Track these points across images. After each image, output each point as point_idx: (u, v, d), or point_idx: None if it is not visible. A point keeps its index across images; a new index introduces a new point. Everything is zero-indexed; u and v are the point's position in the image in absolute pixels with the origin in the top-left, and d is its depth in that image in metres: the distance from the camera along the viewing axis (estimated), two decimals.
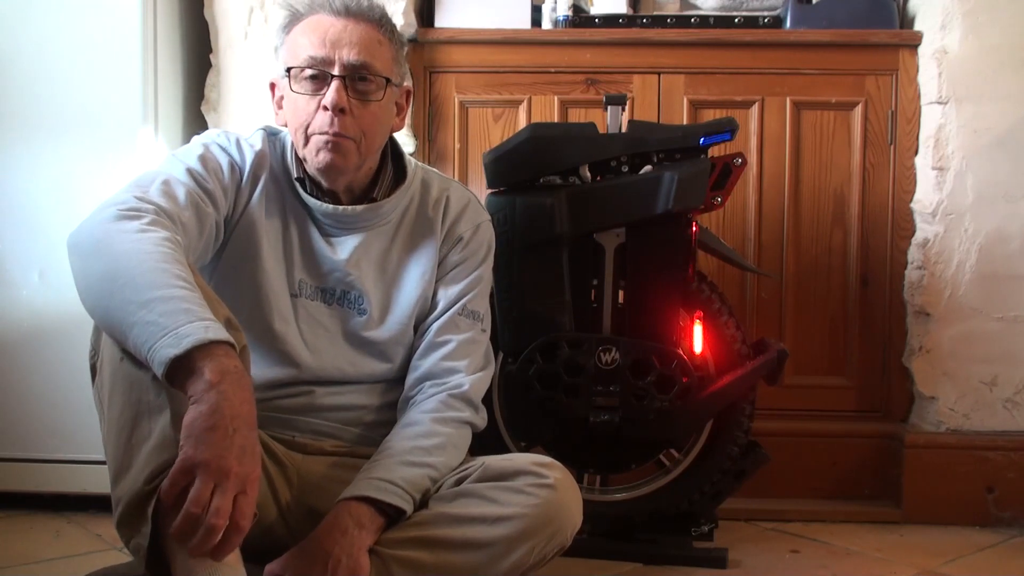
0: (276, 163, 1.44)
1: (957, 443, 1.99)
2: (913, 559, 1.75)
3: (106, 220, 1.21)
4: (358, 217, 1.43)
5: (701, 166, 1.65)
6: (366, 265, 1.44)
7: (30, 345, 1.88)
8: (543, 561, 1.32)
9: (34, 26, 1.88)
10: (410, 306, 1.45)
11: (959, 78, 1.98)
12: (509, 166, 1.70)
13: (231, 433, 1.07)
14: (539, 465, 1.32)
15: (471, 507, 1.28)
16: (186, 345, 1.07)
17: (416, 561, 1.25)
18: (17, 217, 1.89)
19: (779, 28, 2.11)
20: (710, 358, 1.74)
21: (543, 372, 1.65)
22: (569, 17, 2.12)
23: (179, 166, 1.34)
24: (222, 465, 1.04)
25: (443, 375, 1.42)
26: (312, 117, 1.36)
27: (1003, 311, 2.01)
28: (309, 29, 1.38)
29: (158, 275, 1.15)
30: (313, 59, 1.36)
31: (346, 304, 1.43)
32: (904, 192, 2.06)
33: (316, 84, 1.36)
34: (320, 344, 1.41)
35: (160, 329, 1.09)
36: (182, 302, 1.12)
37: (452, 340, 1.44)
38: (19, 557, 1.68)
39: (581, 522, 1.36)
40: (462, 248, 1.49)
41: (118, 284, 1.14)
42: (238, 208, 1.39)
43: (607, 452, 1.72)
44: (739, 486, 1.79)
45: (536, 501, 1.28)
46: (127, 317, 1.12)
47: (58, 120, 1.88)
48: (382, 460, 1.32)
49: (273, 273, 1.40)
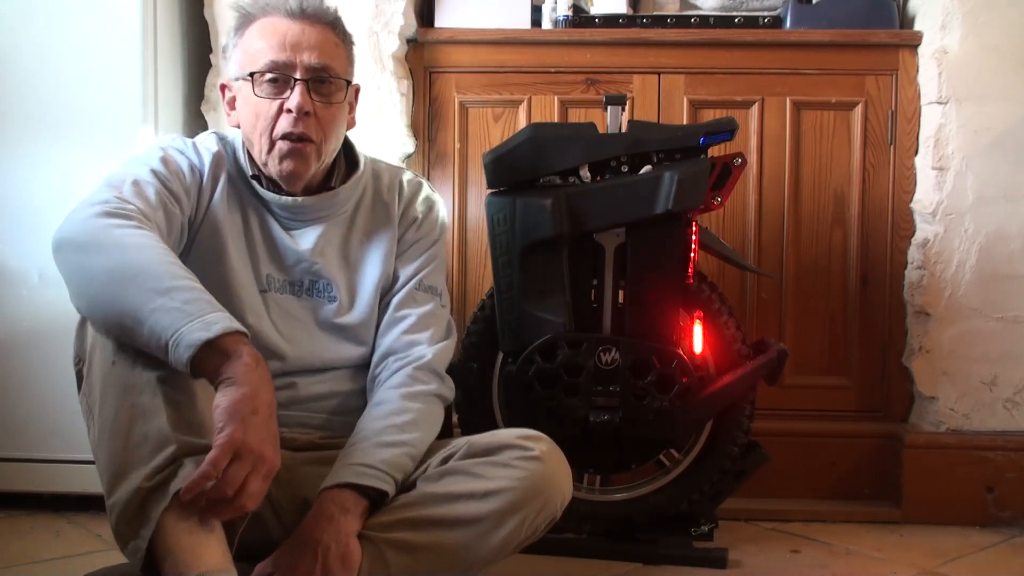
0: (231, 164, 1.46)
1: (957, 443, 1.99)
2: (913, 559, 1.75)
3: (95, 217, 1.22)
4: (317, 207, 1.46)
5: (701, 166, 1.65)
6: (330, 253, 1.47)
7: (30, 345, 1.88)
8: (535, 534, 1.33)
9: (34, 26, 1.88)
10: (374, 286, 1.48)
11: (959, 78, 1.98)
12: (509, 166, 1.69)
13: (268, 419, 1.12)
14: (524, 438, 1.34)
15: (458, 484, 1.29)
16: (217, 331, 1.11)
17: (407, 542, 1.26)
18: (17, 217, 1.89)
19: (779, 28, 2.11)
20: (710, 358, 1.74)
21: (543, 372, 1.65)
22: (569, 17, 2.12)
23: (143, 168, 1.36)
24: (263, 450, 1.09)
25: (405, 348, 1.45)
26: (274, 120, 1.38)
27: (1003, 311, 2.01)
28: (267, 32, 1.39)
29: (173, 267, 1.18)
30: (275, 63, 1.37)
31: (315, 294, 1.46)
32: (904, 192, 2.06)
33: (278, 88, 1.38)
34: (295, 335, 1.44)
35: (185, 315, 1.12)
36: (201, 293, 1.16)
37: (411, 314, 1.47)
38: (19, 557, 1.68)
39: (571, 493, 1.37)
40: (417, 228, 1.52)
41: (130, 274, 1.15)
42: (201, 209, 1.41)
43: (607, 452, 1.72)
44: (739, 486, 1.79)
45: (523, 474, 1.29)
46: (144, 304, 1.13)
47: (58, 120, 1.88)
48: (358, 445, 1.33)
49: (240, 271, 1.42)
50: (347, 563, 1.22)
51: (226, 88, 1.47)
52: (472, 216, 2.10)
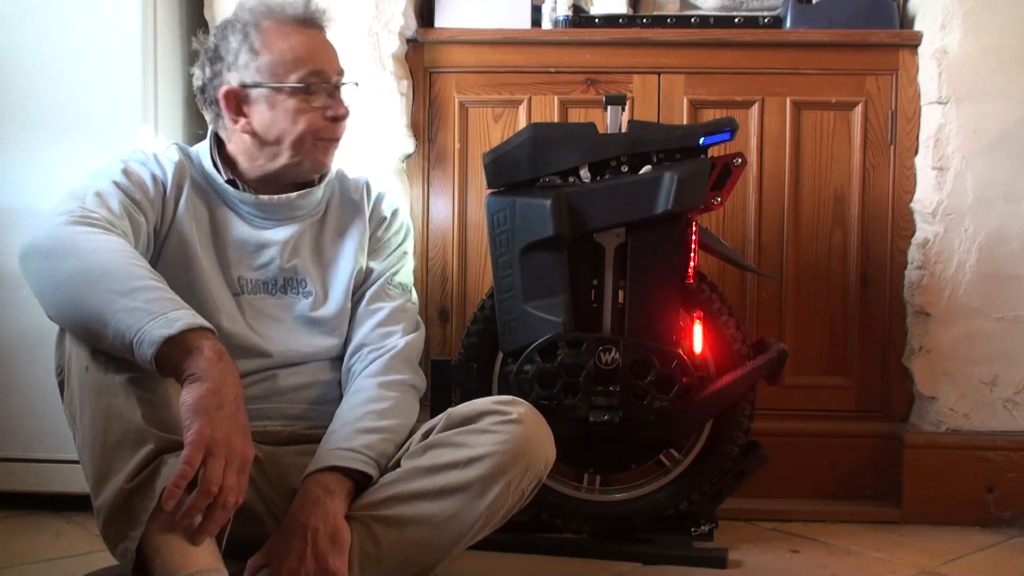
0: (196, 174, 1.50)
1: (957, 443, 1.99)
2: (913, 559, 1.75)
3: (61, 225, 1.25)
4: (297, 205, 1.52)
5: (701, 166, 1.65)
6: (303, 250, 1.52)
7: (30, 345, 1.88)
8: (523, 497, 1.36)
9: (34, 26, 1.88)
10: (347, 280, 1.53)
11: (959, 78, 1.98)
12: (509, 166, 1.69)
13: (235, 412, 1.13)
14: (502, 403, 1.36)
15: (441, 456, 1.31)
16: (179, 327, 1.12)
17: (395, 517, 1.28)
18: (17, 217, 1.89)
19: (779, 28, 2.11)
20: (710, 358, 1.74)
21: (543, 372, 1.65)
22: (569, 17, 2.12)
23: (105, 180, 1.39)
24: (232, 443, 1.10)
25: (379, 340, 1.50)
26: (317, 125, 1.46)
27: (1003, 311, 2.00)
28: (294, 42, 1.46)
29: (136, 269, 1.20)
30: (315, 72, 1.46)
31: (290, 291, 1.50)
32: (904, 192, 2.06)
33: (308, 94, 1.46)
34: (272, 333, 1.47)
35: (148, 314, 1.13)
36: (165, 292, 1.19)
37: (384, 307, 1.53)
38: (19, 557, 1.68)
39: (554, 454, 1.41)
40: (386, 227, 1.60)
41: (94, 277, 1.18)
42: (166, 218, 1.44)
43: (607, 452, 1.72)
44: (739, 486, 1.79)
45: (504, 438, 1.30)
46: (108, 306, 1.15)
47: (58, 120, 1.88)
48: (339, 431, 1.36)
49: (212, 276, 1.45)
50: (337, 543, 1.23)
51: (234, 94, 1.48)
52: (472, 216, 2.10)
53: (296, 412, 1.47)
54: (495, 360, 1.80)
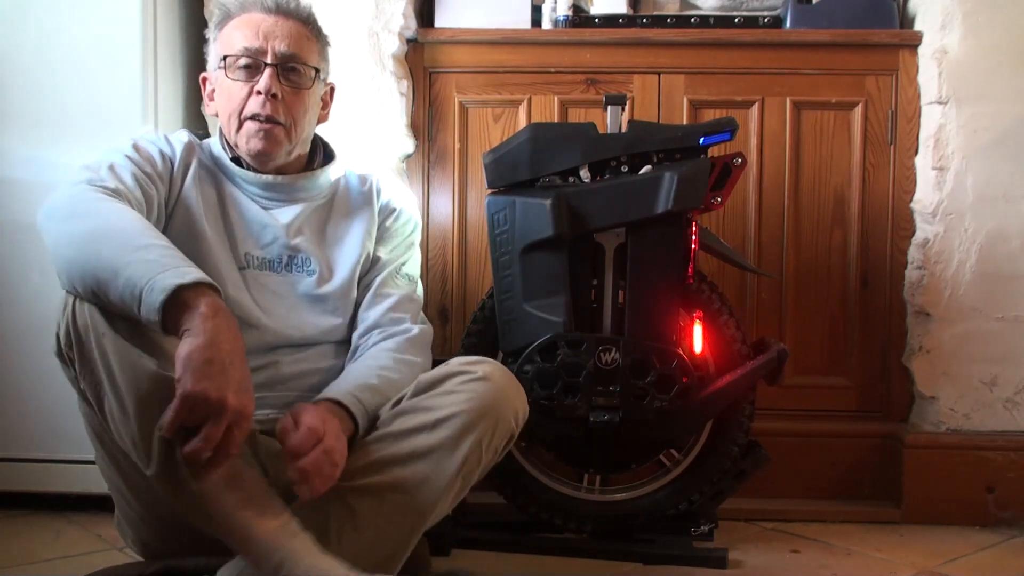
0: (205, 156, 1.54)
1: (957, 443, 1.99)
2: (913, 559, 1.75)
3: (79, 190, 1.31)
4: (296, 187, 1.54)
5: (701, 166, 1.65)
6: (308, 231, 1.54)
7: (30, 345, 1.88)
8: (497, 455, 1.38)
9: (34, 26, 1.88)
10: (353, 262, 1.54)
11: (959, 78, 1.98)
12: (509, 166, 1.70)
13: (227, 366, 1.13)
14: (468, 363, 1.38)
15: (409, 421, 1.33)
16: (191, 279, 1.15)
17: (369, 486, 1.29)
18: (17, 217, 1.89)
19: (779, 28, 2.11)
20: (710, 358, 1.74)
21: (543, 372, 1.65)
22: (569, 17, 2.12)
23: (117, 155, 1.43)
24: (221, 397, 1.11)
25: (391, 324, 1.52)
26: (245, 102, 1.47)
27: (1003, 311, 2.00)
28: (243, 24, 1.50)
29: (149, 230, 1.26)
30: (247, 49, 1.47)
31: (294, 269, 1.52)
32: (904, 192, 2.06)
33: (250, 73, 1.48)
34: (275, 308, 1.49)
35: (160, 266, 1.17)
36: (178, 252, 1.22)
37: (394, 294, 1.55)
38: (19, 557, 1.68)
39: (526, 409, 1.41)
40: (396, 219, 1.61)
41: (110, 234, 1.22)
42: (173, 193, 1.48)
43: (607, 452, 1.72)
44: (739, 486, 1.79)
45: (468, 396, 1.32)
46: (121, 258, 1.18)
47: (58, 120, 1.88)
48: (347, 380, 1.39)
49: (219, 250, 1.47)
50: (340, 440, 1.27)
51: (207, 80, 1.57)
52: (472, 216, 2.10)
53: (296, 399, 1.46)
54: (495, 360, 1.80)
